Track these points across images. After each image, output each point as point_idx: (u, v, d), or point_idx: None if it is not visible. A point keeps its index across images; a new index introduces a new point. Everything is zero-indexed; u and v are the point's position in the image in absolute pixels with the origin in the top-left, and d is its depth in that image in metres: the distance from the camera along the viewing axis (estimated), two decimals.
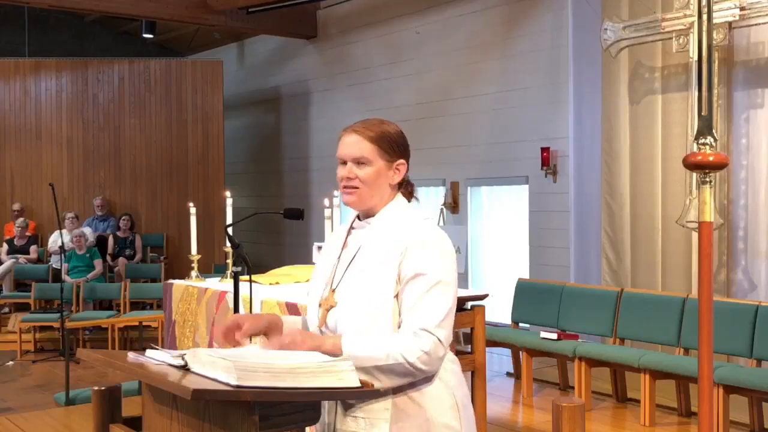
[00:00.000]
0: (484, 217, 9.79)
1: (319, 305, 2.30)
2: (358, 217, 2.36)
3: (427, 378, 2.15)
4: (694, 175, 5.38)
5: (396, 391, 2.13)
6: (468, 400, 2.27)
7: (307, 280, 4.88)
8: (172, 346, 4.90)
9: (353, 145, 2.25)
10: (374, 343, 2.11)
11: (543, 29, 8.73)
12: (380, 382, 2.08)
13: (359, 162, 2.24)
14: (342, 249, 2.33)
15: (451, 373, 2.23)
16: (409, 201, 2.33)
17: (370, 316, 2.17)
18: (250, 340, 2.24)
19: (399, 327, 2.15)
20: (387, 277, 2.17)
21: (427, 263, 2.15)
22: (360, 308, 2.19)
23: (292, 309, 4.00)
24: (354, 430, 2.16)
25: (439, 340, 2.10)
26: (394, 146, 2.26)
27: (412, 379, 2.12)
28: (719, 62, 6.47)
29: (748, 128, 6.66)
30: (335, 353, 2.08)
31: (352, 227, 2.34)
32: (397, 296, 2.16)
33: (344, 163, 2.27)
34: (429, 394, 2.16)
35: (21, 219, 11.28)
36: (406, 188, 2.33)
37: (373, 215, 2.29)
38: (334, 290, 2.27)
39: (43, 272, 10.80)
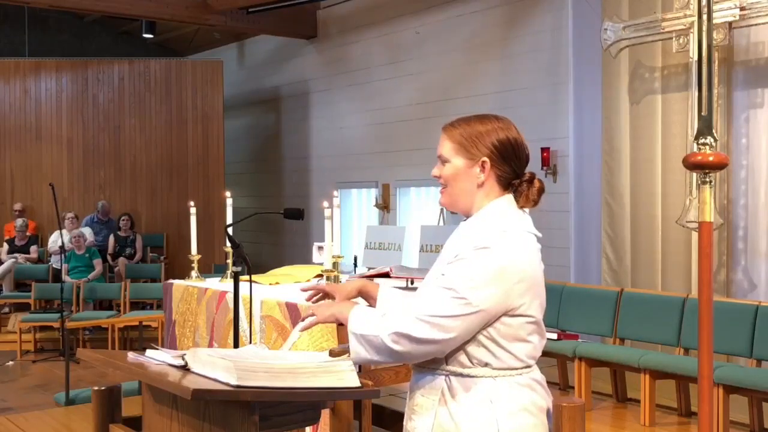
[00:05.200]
0: None
1: None
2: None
3: (475, 397, 2.05)
4: (694, 175, 5.39)
5: (440, 403, 2.09)
6: None
7: (308, 280, 4.87)
8: (172, 346, 4.90)
9: (439, 142, 2.19)
10: (373, 316, 2.08)
11: (543, 29, 8.72)
12: (367, 353, 2.05)
13: (442, 160, 2.18)
14: None
15: (509, 398, 2.06)
16: (520, 206, 2.14)
17: None
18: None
19: None
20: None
21: (459, 274, 2.01)
22: None
23: (292, 309, 3.99)
24: None
25: (418, 331, 1.97)
26: (477, 143, 2.11)
27: (390, 359, 2.04)
28: (719, 62, 6.47)
29: (748, 128, 6.66)
30: (343, 320, 2.11)
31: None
32: None
33: None
34: (468, 414, 2.05)
35: (20, 220, 11.28)
36: (528, 191, 2.14)
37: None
38: None
39: (43, 272, 10.81)
